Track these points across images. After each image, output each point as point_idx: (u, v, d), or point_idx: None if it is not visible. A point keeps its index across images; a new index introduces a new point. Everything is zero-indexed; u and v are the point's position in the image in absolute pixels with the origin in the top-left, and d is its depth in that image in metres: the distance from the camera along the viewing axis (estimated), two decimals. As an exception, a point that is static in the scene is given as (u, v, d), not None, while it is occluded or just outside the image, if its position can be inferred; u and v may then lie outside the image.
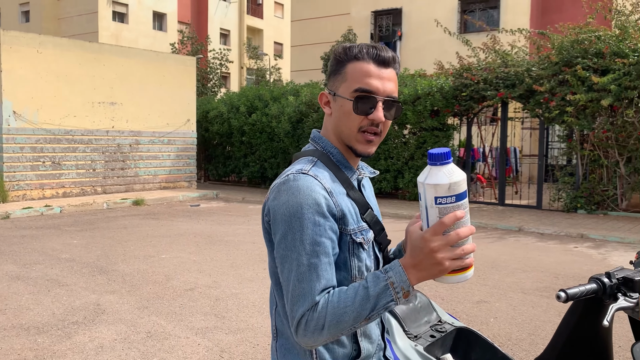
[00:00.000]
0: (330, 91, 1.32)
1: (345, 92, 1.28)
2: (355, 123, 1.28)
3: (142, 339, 4.17)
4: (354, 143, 1.30)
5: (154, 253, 7.19)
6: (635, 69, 9.90)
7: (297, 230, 1.18)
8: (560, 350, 1.63)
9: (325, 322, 1.14)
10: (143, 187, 14.39)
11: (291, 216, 1.18)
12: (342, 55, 1.30)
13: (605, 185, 10.89)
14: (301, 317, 1.16)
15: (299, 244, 1.18)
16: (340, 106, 1.29)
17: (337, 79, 1.31)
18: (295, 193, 1.19)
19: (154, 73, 14.43)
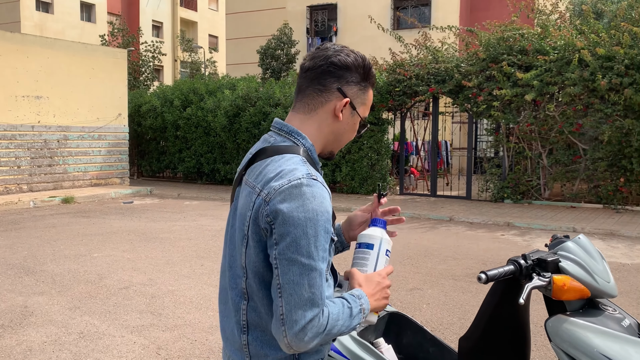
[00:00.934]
0: (352, 104, 1.38)
1: (362, 113, 1.41)
2: (350, 139, 1.44)
3: (74, 339, 4.05)
4: (337, 148, 1.44)
5: (86, 252, 6.96)
6: (555, 65, 10.48)
7: (312, 236, 1.20)
8: (484, 328, 1.74)
9: (325, 329, 1.22)
10: (73, 185, 13.83)
11: (307, 222, 1.20)
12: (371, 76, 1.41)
13: (529, 175, 11.48)
14: (309, 322, 1.20)
15: (313, 249, 1.20)
16: (354, 124, 1.41)
17: (361, 97, 1.40)
18: (311, 199, 1.21)
19: (82, 66, 13.87)
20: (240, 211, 1.33)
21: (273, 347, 1.31)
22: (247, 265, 1.30)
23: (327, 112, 1.37)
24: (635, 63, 9.81)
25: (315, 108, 1.37)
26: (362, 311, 1.29)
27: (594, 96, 10.30)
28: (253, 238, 1.27)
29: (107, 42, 25.83)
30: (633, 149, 9.98)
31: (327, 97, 1.36)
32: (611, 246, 7.52)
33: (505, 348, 1.78)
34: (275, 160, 1.30)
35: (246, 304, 1.33)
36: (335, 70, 1.35)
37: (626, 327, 1.61)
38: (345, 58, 1.35)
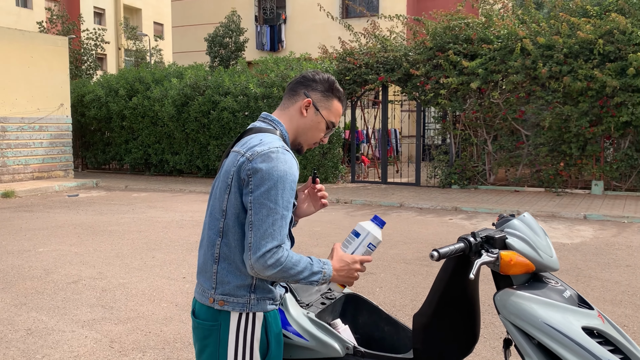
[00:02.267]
0: (316, 106, 1.81)
1: (326, 116, 1.83)
2: (318, 137, 1.85)
3: (22, 336, 3.92)
4: (305, 145, 1.85)
5: (30, 247, 6.71)
6: (499, 54, 10.81)
7: (280, 189, 1.60)
8: (436, 305, 1.81)
9: (281, 265, 1.58)
10: (13, 178, 13.26)
11: (278, 178, 1.60)
12: (333, 89, 1.84)
13: (475, 161, 11.84)
14: (268, 250, 1.57)
15: (280, 199, 1.60)
16: (318, 122, 1.82)
17: (324, 102, 1.82)
18: (283, 162, 1.62)
19: (20, 54, 13.25)
20: (225, 169, 1.71)
21: (235, 275, 1.66)
22: (227, 208, 1.67)
23: (296, 110, 1.81)
24: (573, 52, 10.24)
25: (288, 107, 1.83)
26: (322, 274, 1.63)
27: (536, 84, 10.69)
28: (235, 186, 1.65)
29: (45, 30, 24.74)
30: (572, 134, 10.45)
31: (296, 99, 1.82)
32: (552, 227, 7.88)
33: (457, 322, 1.86)
34: (258, 135, 1.72)
35: (220, 240, 1.68)
36: (304, 81, 1.83)
37: (567, 298, 1.71)
38: (314, 75, 1.83)
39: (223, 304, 1.66)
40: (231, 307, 1.66)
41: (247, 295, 1.66)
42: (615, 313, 4.33)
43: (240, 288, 1.66)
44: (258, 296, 1.68)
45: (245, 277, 1.66)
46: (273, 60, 13.96)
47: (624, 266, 5.73)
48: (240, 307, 1.66)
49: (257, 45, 22.21)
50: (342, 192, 11.36)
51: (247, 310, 1.66)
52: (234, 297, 1.66)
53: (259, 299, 1.68)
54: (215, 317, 1.68)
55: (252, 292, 1.67)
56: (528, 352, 1.65)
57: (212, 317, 1.68)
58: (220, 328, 1.67)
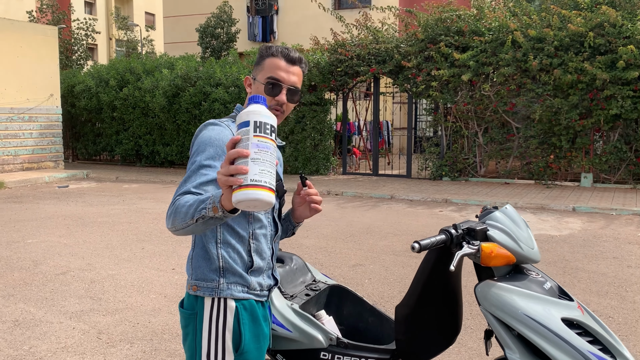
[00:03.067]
0: (253, 77, 1.78)
1: (262, 78, 1.75)
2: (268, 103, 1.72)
3: (9, 328, 3.91)
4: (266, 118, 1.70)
5: (19, 238, 6.68)
6: (490, 46, 10.82)
7: (202, 150, 1.61)
8: (418, 296, 1.82)
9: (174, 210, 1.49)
10: (2, 169, 13.17)
11: (202, 142, 1.63)
12: (263, 51, 1.78)
13: (466, 154, 11.88)
14: (174, 200, 1.53)
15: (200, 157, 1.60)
16: (257, 88, 1.76)
17: (258, 69, 1.77)
18: (210, 130, 1.65)
19: (9, 43, 13.11)
20: None
21: (205, 259, 1.67)
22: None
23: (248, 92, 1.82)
24: (563, 45, 10.27)
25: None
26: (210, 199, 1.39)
27: (526, 76, 10.72)
28: None
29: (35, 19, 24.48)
30: (562, 127, 10.49)
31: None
32: (541, 219, 7.93)
33: (439, 313, 1.88)
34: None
35: None
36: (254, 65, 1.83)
37: (547, 290, 1.73)
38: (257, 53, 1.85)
39: (196, 289, 1.67)
40: (202, 291, 1.66)
41: (216, 279, 1.66)
42: (601, 304, 4.37)
43: (209, 272, 1.66)
44: (227, 281, 1.66)
45: (213, 261, 1.66)
46: (265, 51, 13.88)
47: (611, 258, 5.78)
48: (210, 292, 1.66)
49: (249, 36, 22.10)
50: (333, 184, 11.37)
51: (216, 295, 1.65)
52: (204, 282, 1.66)
53: (228, 284, 1.66)
54: (193, 306, 1.69)
55: (222, 276, 1.66)
56: (508, 343, 1.67)
57: (190, 306, 1.70)
58: (197, 317, 1.68)
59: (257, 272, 1.71)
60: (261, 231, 1.71)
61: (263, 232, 1.72)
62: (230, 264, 1.66)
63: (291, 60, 1.76)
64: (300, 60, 1.78)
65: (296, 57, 1.77)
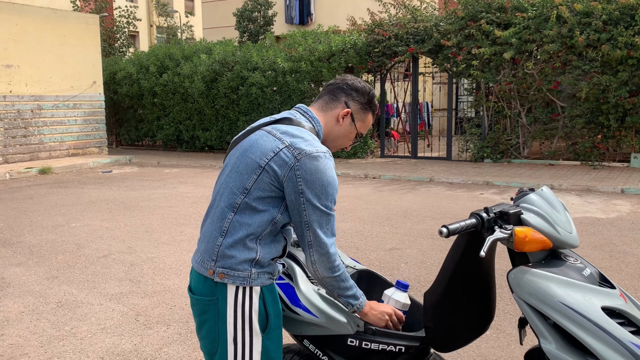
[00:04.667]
0: (353, 118, 1.86)
1: (359, 128, 1.89)
2: (345, 145, 1.91)
3: (52, 309, 4.03)
4: (332, 148, 1.89)
5: (64, 222, 6.89)
6: (534, 22, 10.42)
7: (330, 194, 1.68)
8: (447, 283, 1.75)
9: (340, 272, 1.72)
10: (50, 155, 13.61)
11: (328, 184, 1.67)
12: (372, 103, 1.89)
13: (508, 135, 11.54)
14: (333, 243, 1.70)
15: (330, 203, 1.68)
16: (350, 132, 1.87)
17: (361, 114, 1.87)
18: (330, 169, 1.68)
19: (53, 33, 13.46)
20: (258, 148, 1.69)
21: (239, 251, 1.67)
22: (252, 188, 1.67)
23: (333, 116, 1.84)
24: (612, 18, 9.78)
25: (326, 110, 1.85)
26: (359, 303, 1.79)
27: (572, 53, 10.29)
28: (270, 172, 1.66)
29: (79, 8, 25.04)
30: (610, 105, 10.05)
31: (336, 105, 1.84)
32: (587, 202, 7.64)
33: (470, 301, 1.80)
34: (299, 129, 1.73)
35: (233, 215, 1.69)
36: (346, 88, 1.85)
37: (587, 277, 1.63)
38: (356, 83, 1.86)
39: (223, 276, 1.67)
40: (231, 280, 1.67)
41: (248, 270, 1.67)
42: (649, 290, 4.18)
43: (242, 262, 1.68)
44: (258, 270, 1.69)
45: (249, 252, 1.68)
46: (301, 34, 13.80)
47: (661, 242, 5.52)
48: (240, 281, 1.67)
49: (286, 19, 22.01)
50: (371, 167, 11.25)
51: (246, 284, 1.68)
52: (235, 271, 1.67)
53: (259, 274, 1.69)
54: (212, 292, 1.69)
55: (253, 267, 1.68)
56: (543, 333, 1.58)
57: (209, 292, 1.70)
58: (218, 302, 1.68)
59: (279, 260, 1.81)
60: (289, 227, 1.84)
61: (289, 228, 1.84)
62: (267, 257, 1.71)
63: None
64: None
65: None
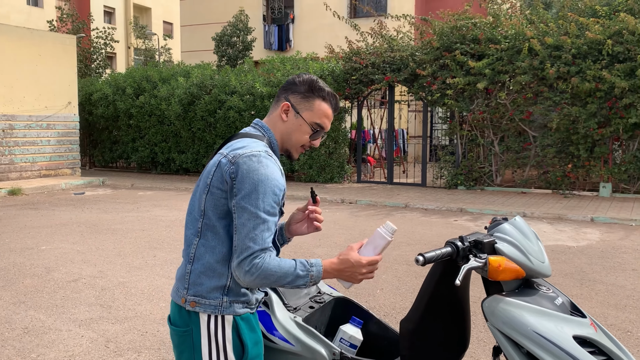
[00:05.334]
0: (296, 109, 1.75)
1: (308, 118, 1.75)
2: (303, 140, 1.78)
3: (18, 335, 3.91)
4: (292, 151, 1.80)
5: (33, 245, 6.73)
6: (506, 54, 10.71)
7: (261, 193, 1.58)
8: (423, 311, 1.76)
9: (258, 271, 1.54)
10: (20, 176, 13.34)
11: (259, 182, 1.58)
12: (314, 89, 1.75)
13: (482, 162, 11.74)
14: (247, 257, 1.55)
15: (261, 203, 1.57)
16: (300, 125, 1.75)
17: (304, 104, 1.75)
18: (265, 166, 1.60)
19: (28, 52, 13.32)
20: (207, 169, 1.70)
21: (209, 277, 1.64)
22: (205, 208, 1.65)
23: (277, 115, 1.78)
24: (581, 52, 10.12)
25: (272, 112, 1.80)
26: (309, 277, 1.58)
27: (543, 84, 10.58)
28: (215, 186, 1.64)
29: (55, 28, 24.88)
30: (580, 135, 10.32)
31: (278, 104, 1.79)
32: (559, 230, 7.78)
33: (446, 329, 1.82)
34: (244, 140, 1.71)
35: (197, 240, 1.67)
36: (286, 85, 1.80)
37: (559, 305, 1.66)
38: (295, 78, 1.79)
39: (194, 305, 1.64)
40: (202, 308, 1.64)
41: (219, 298, 1.64)
42: (619, 318, 4.25)
43: (213, 290, 1.64)
44: (231, 299, 1.65)
45: (219, 279, 1.64)
46: (280, 59, 13.93)
47: (630, 270, 5.64)
48: (211, 309, 1.64)
49: (265, 44, 22.21)
50: (348, 192, 11.31)
51: (218, 312, 1.64)
52: (205, 299, 1.64)
53: (231, 302, 1.65)
54: (186, 322, 1.67)
55: (225, 295, 1.64)
56: (517, 361, 1.60)
57: (184, 322, 1.67)
58: (193, 333, 1.66)
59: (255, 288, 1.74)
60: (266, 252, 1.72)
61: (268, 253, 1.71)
62: (237, 283, 1.65)
63: (336, 109, 1.82)
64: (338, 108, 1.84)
65: (339, 107, 1.83)
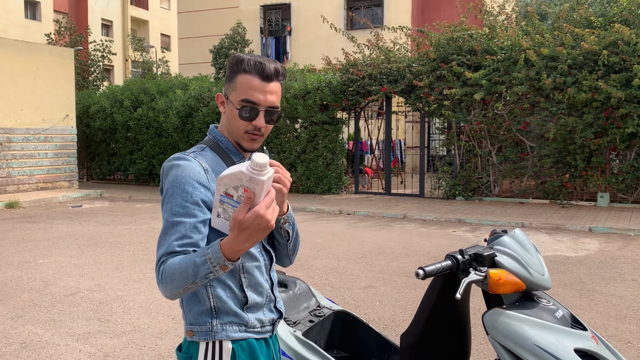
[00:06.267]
0: (225, 94, 1.55)
1: (235, 99, 1.51)
2: (241, 126, 1.53)
3: (15, 350, 3.88)
4: (240, 140, 1.55)
5: (30, 258, 6.70)
6: (503, 65, 10.77)
7: (169, 196, 1.46)
8: (424, 324, 1.76)
9: (162, 275, 1.39)
10: (17, 189, 13.31)
11: (169, 187, 1.47)
12: (234, 66, 1.53)
13: (479, 173, 11.76)
14: (158, 261, 1.41)
15: (170, 206, 1.45)
16: (230, 110, 1.53)
17: (229, 86, 1.54)
18: (176, 167, 1.47)
19: (26, 65, 13.35)
20: None
21: (194, 302, 1.52)
22: None
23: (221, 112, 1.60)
24: (577, 63, 10.18)
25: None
26: (208, 260, 1.33)
27: (540, 95, 10.63)
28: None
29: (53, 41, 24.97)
30: (577, 145, 10.36)
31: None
32: (557, 240, 7.78)
33: (446, 342, 1.81)
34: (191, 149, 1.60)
35: None
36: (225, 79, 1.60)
37: (559, 318, 1.65)
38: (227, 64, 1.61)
39: (192, 334, 1.53)
40: (197, 337, 1.52)
41: (209, 322, 1.51)
42: (619, 329, 4.24)
43: (201, 315, 1.51)
44: (221, 321, 1.51)
45: (202, 303, 1.51)
46: (277, 71, 13.96)
47: (629, 280, 5.63)
48: (204, 336, 1.51)
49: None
50: (345, 203, 11.30)
51: (211, 338, 1.50)
52: (198, 326, 1.52)
53: (222, 325, 1.51)
54: (188, 350, 1.56)
55: (215, 318, 1.51)
56: (518, 374, 1.60)
57: (186, 350, 1.57)
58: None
59: (255, 307, 1.55)
60: (253, 264, 1.54)
61: (256, 264, 1.55)
62: (223, 302, 1.50)
63: (267, 77, 1.50)
64: (277, 74, 1.52)
65: (272, 72, 1.51)
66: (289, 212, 1.57)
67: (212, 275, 1.34)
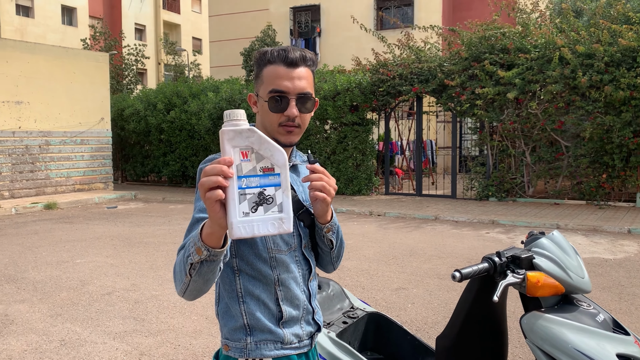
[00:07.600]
0: (255, 92, 1.50)
1: (263, 93, 1.45)
2: (274, 119, 1.44)
3: (55, 347, 3.99)
4: (276, 135, 1.45)
5: (68, 258, 6.87)
6: (536, 63, 10.57)
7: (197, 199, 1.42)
8: (460, 327, 1.74)
9: (174, 271, 1.34)
10: (55, 190, 13.68)
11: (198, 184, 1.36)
12: (258, 60, 1.48)
13: (513, 173, 11.56)
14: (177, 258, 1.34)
15: (198, 203, 1.41)
16: (262, 106, 1.46)
17: (258, 82, 1.49)
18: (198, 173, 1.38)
19: (63, 70, 13.72)
20: None
21: (229, 317, 1.48)
22: None
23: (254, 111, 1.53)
24: (614, 60, 9.92)
25: None
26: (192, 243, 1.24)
27: (575, 93, 10.39)
28: None
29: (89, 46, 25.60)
30: (614, 145, 10.09)
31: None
32: (594, 242, 7.59)
33: (482, 345, 1.78)
34: None
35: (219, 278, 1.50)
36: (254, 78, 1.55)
37: (600, 322, 1.61)
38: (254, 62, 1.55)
39: (227, 349, 1.48)
40: (232, 352, 1.47)
41: (243, 339, 1.45)
42: (660, 334, 4.11)
43: (235, 331, 1.47)
44: (256, 339, 1.45)
45: (235, 319, 1.46)
46: (307, 73, 14.01)
47: (670, 283, 5.46)
48: (239, 352, 1.46)
49: (293, 58, 22.41)
50: (376, 205, 11.25)
51: (245, 355, 1.45)
52: (232, 342, 1.47)
53: (257, 342, 1.45)
54: None
55: (249, 335, 1.45)
56: (558, 379, 1.56)
57: None
58: None
59: (292, 322, 1.48)
60: (288, 275, 1.47)
61: (292, 276, 1.47)
62: (257, 319, 1.44)
63: (292, 63, 1.43)
64: (304, 59, 1.44)
65: (298, 57, 1.44)
66: (332, 220, 1.47)
67: (190, 259, 1.23)
